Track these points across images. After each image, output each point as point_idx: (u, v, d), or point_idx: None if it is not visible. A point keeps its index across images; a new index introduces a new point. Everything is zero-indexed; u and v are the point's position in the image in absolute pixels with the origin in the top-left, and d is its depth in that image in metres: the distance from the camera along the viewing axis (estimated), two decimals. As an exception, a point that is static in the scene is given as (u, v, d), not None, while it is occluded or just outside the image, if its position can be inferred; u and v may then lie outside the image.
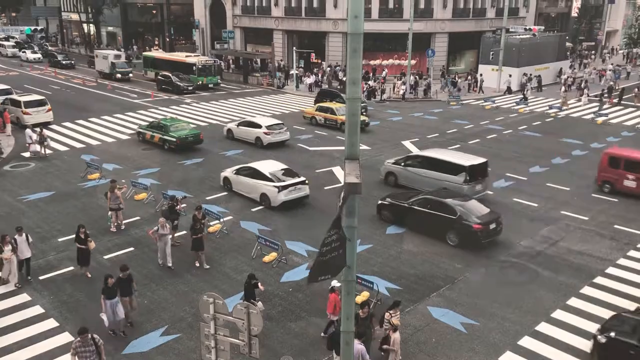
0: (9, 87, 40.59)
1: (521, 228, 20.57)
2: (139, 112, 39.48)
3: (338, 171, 26.47)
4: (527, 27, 56.23)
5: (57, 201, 22.81)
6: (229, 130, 32.77)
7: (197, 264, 17.56)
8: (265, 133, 30.65)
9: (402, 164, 24.52)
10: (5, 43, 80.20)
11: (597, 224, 21.03)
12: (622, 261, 18.13)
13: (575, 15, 76.42)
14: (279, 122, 32.04)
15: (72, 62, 65.89)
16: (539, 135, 34.36)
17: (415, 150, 30.01)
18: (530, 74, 50.64)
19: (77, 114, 38.34)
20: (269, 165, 23.20)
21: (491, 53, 51.45)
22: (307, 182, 22.71)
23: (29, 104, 34.89)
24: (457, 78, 51.27)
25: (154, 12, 77.99)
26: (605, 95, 44.88)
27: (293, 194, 22.02)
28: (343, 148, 8.41)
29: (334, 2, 53.92)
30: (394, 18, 53.39)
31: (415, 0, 48.82)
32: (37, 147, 28.73)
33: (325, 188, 24.29)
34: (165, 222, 17.23)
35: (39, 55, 71.24)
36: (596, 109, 41.72)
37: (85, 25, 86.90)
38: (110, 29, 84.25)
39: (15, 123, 33.85)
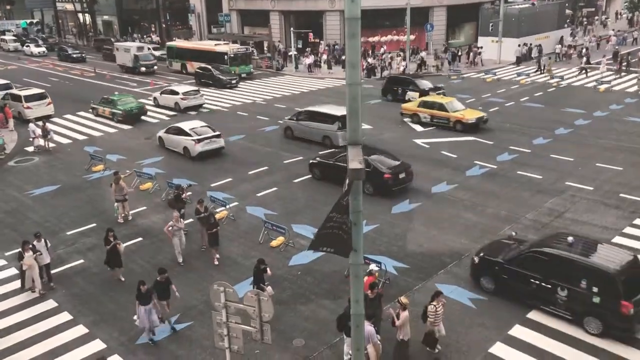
0: (8, 81, 40.50)
1: (526, 201, 20.62)
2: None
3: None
4: (526, -3, 55.61)
5: (63, 194, 22.96)
6: (155, 98, 37.59)
7: (203, 248, 17.74)
8: (182, 98, 35.53)
9: (295, 118, 28.77)
10: (7, 37, 78.41)
11: (603, 193, 21.03)
12: (628, 230, 18.18)
13: (575, -19, 75.21)
14: (195, 88, 37.74)
15: (83, 54, 63.28)
16: (541, 106, 34.14)
17: (418, 129, 30.06)
18: (530, 44, 50.14)
19: (78, 106, 38.25)
20: (190, 124, 27.62)
21: (490, 24, 50.89)
22: (221, 135, 26.67)
23: (30, 98, 34.89)
24: (460, 52, 50.74)
25: (149, -2, 77.35)
26: (614, 60, 43.96)
27: (209, 145, 26.19)
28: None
29: (330, -19, 53.31)
30: (391, -7, 52.72)
31: (411, -26, 48.06)
32: (41, 142, 28.82)
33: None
34: (179, 217, 17.12)
35: (43, 49, 69.00)
36: (609, 78, 40.76)
37: (80, 15, 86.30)
38: (105, 17, 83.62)
39: (17, 117, 33.91)
